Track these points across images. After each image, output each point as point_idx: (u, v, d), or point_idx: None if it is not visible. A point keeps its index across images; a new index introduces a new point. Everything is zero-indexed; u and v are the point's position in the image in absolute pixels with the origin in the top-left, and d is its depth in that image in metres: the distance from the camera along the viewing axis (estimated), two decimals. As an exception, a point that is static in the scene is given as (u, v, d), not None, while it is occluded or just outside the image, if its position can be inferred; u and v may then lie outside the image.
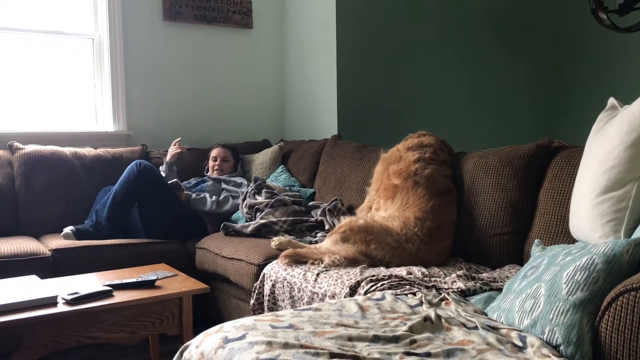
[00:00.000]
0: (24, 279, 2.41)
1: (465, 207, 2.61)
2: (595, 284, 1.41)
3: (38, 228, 3.33)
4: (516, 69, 4.91)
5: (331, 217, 3.10)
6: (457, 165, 2.75)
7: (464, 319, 1.66)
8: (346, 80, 4.03)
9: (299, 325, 1.56)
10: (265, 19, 4.44)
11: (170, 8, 4.02)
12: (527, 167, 2.43)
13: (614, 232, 1.70)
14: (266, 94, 4.52)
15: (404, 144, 2.85)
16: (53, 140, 3.63)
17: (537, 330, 1.47)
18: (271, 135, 4.50)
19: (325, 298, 2.19)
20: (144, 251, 3.11)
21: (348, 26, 4.01)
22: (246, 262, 2.77)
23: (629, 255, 1.43)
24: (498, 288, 2.02)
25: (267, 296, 2.50)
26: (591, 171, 1.82)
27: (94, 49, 3.89)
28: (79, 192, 3.47)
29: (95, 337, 2.23)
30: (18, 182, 3.36)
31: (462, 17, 4.55)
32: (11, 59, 3.66)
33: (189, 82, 4.19)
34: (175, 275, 2.61)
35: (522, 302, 1.57)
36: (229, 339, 1.50)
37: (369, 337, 1.48)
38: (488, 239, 2.48)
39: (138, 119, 4.01)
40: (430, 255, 2.49)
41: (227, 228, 3.18)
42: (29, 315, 2.05)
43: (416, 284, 2.06)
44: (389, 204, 2.70)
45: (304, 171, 3.75)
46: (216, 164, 3.81)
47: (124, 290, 2.35)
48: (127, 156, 3.68)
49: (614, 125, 1.79)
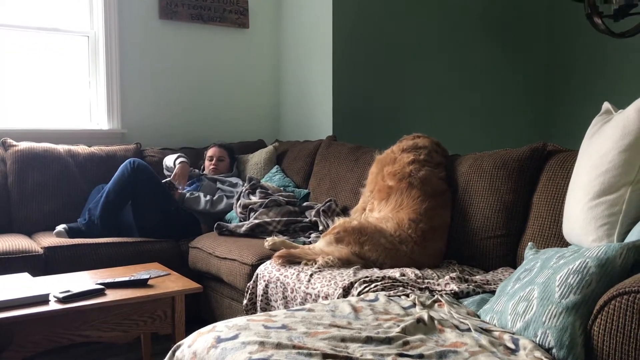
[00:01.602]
0: (16, 276, 2.40)
1: (459, 210, 2.61)
2: (588, 288, 1.42)
3: (30, 226, 3.31)
4: (511, 72, 4.93)
5: (325, 218, 3.10)
6: (451, 168, 2.76)
7: (457, 321, 1.66)
8: (341, 81, 4.04)
9: (292, 326, 1.56)
10: (262, 18, 4.44)
11: (166, 6, 4.01)
12: (521, 170, 2.44)
13: (607, 235, 1.70)
14: (261, 94, 4.52)
15: (399, 145, 2.86)
16: (47, 137, 3.61)
17: (529, 333, 1.47)
18: (266, 135, 4.50)
19: (318, 299, 2.18)
20: (137, 250, 3.10)
21: (344, 27, 4.01)
22: (239, 262, 2.76)
23: (622, 259, 1.44)
24: (491, 290, 2.02)
25: (260, 296, 2.49)
26: (585, 175, 1.82)
27: (89, 46, 3.88)
28: (72, 190, 3.46)
29: (87, 335, 2.22)
30: (11, 179, 3.34)
31: (457, 20, 4.57)
32: (6, 56, 3.65)
33: (184, 81, 4.18)
34: (168, 274, 2.60)
35: (515, 304, 1.58)
36: (222, 338, 1.50)
37: (361, 338, 1.48)
38: (482, 241, 2.49)
39: (132, 117, 4.00)
40: (424, 257, 2.49)
41: (221, 228, 3.17)
42: (21, 313, 2.04)
43: (409, 286, 2.06)
44: (383, 205, 2.70)
45: (299, 172, 3.74)
46: (212, 164, 3.80)
47: (117, 289, 2.34)
48: (121, 154, 3.67)
49: (608, 129, 1.80)
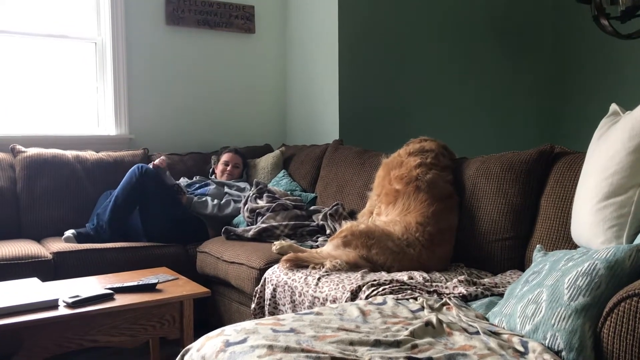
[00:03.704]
0: (25, 281, 2.41)
1: (466, 213, 2.61)
2: (597, 290, 1.41)
3: (39, 231, 3.33)
4: (518, 74, 4.92)
5: (332, 222, 3.10)
6: (458, 171, 2.75)
7: (466, 324, 1.65)
8: (348, 85, 4.04)
9: (300, 329, 1.56)
10: (268, 24, 4.45)
11: (172, 12, 4.03)
12: (529, 172, 2.43)
13: (616, 237, 1.69)
14: (268, 99, 4.53)
15: (406, 149, 2.86)
16: (55, 143, 3.63)
17: (538, 336, 1.47)
18: (273, 139, 4.50)
19: (326, 302, 2.18)
20: (145, 255, 3.11)
21: (350, 31, 4.02)
22: (247, 266, 2.77)
23: (631, 261, 1.43)
24: (499, 293, 2.02)
25: (268, 300, 2.49)
26: (593, 177, 1.82)
27: (96, 52, 3.90)
28: (80, 196, 3.47)
29: (96, 340, 2.23)
30: (20, 185, 3.37)
31: (464, 22, 4.56)
32: (15, 62, 3.67)
33: (191, 87, 4.20)
34: (176, 278, 2.61)
35: (524, 307, 1.57)
36: (230, 342, 1.50)
37: (370, 341, 1.48)
38: (489, 244, 2.48)
39: (140, 122, 4.02)
40: (432, 260, 2.49)
41: (228, 232, 3.18)
42: (30, 318, 2.05)
43: (417, 289, 2.06)
44: (390, 208, 2.70)
45: (306, 176, 3.75)
46: (227, 169, 3.80)
47: (125, 293, 2.35)
48: (128, 160, 3.68)
49: (616, 131, 1.79)
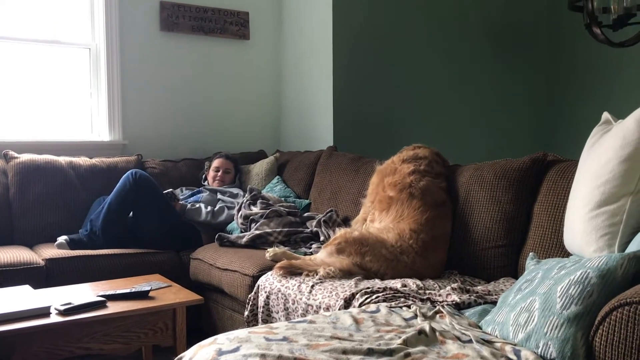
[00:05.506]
0: (17, 289, 2.40)
1: (460, 220, 2.61)
2: (589, 298, 1.42)
3: (32, 237, 3.31)
4: (511, 82, 4.94)
5: (326, 229, 3.10)
6: (452, 178, 2.76)
7: (459, 332, 1.65)
8: (342, 92, 4.05)
9: (293, 338, 1.55)
10: (262, 30, 4.46)
11: (167, 18, 4.04)
12: (522, 180, 2.44)
13: (608, 246, 1.70)
14: (262, 105, 4.53)
15: (399, 156, 2.86)
16: (48, 149, 3.62)
17: (531, 344, 1.47)
18: (267, 145, 4.50)
19: (319, 310, 2.18)
20: (138, 261, 3.10)
21: (344, 38, 4.03)
22: (240, 273, 2.76)
23: (623, 270, 1.44)
24: (493, 301, 2.02)
25: (262, 308, 2.49)
26: (585, 185, 1.82)
27: (90, 58, 3.89)
28: (73, 202, 3.46)
29: (88, 347, 2.22)
30: (12, 191, 3.35)
31: (458, 30, 4.58)
32: (8, 68, 3.66)
33: (185, 93, 4.19)
34: (169, 286, 2.60)
35: (517, 315, 1.57)
36: (223, 351, 1.49)
37: (363, 350, 1.48)
38: (483, 251, 2.48)
39: (134, 128, 4.01)
40: (425, 267, 2.49)
41: (222, 239, 3.17)
42: (22, 326, 2.04)
43: (411, 297, 2.06)
44: (384, 215, 2.70)
45: (300, 182, 3.75)
46: (218, 175, 3.78)
47: (118, 301, 2.34)
48: (122, 166, 3.67)
49: (608, 139, 1.80)
